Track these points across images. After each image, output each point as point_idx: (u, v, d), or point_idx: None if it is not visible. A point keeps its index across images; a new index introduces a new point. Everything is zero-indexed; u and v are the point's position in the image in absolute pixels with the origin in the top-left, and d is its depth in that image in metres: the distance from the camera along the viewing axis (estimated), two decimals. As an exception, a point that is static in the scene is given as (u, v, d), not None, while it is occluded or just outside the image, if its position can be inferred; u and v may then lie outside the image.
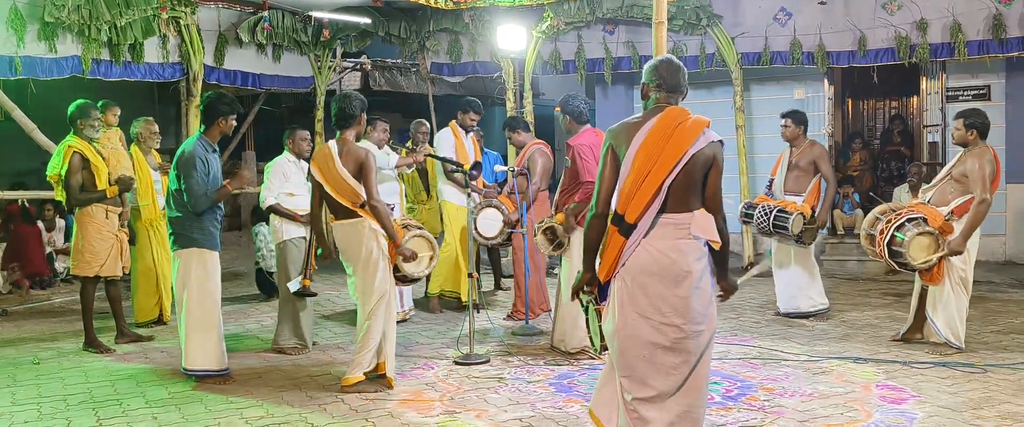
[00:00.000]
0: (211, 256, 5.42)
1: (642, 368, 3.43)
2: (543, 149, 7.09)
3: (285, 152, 6.46)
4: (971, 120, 5.85)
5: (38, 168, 12.02)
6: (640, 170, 3.40)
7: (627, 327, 3.44)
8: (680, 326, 3.39)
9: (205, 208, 5.31)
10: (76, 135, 6.38)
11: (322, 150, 5.13)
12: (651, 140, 3.42)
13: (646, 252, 3.41)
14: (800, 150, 7.13)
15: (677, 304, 3.39)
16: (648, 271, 3.40)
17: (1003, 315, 7.22)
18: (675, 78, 3.58)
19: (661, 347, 3.40)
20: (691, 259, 3.40)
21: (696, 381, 3.45)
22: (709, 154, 3.42)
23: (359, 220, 5.07)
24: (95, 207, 6.36)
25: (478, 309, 7.49)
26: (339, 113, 5.13)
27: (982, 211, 5.66)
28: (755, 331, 6.76)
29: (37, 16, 7.85)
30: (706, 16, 10.14)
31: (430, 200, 8.12)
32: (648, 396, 3.42)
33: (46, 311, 8.37)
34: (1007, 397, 4.85)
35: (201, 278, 5.37)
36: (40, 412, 4.90)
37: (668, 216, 3.42)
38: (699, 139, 3.41)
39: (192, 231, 5.36)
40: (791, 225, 6.78)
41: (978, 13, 9.15)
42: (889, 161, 12.06)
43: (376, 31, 11.16)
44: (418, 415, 4.70)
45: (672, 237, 3.41)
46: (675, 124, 3.43)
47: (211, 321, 5.39)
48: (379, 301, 5.11)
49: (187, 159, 5.30)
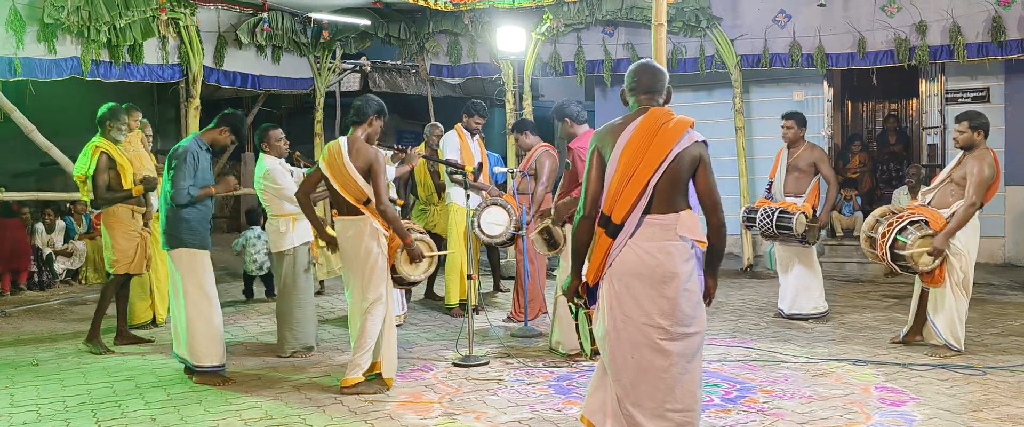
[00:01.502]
0: (201, 255, 5.46)
1: (632, 371, 3.43)
2: (550, 152, 7.09)
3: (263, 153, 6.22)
4: (977, 122, 5.81)
5: (37, 169, 12.09)
6: (625, 171, 3.42)
7: (616, 329, 3.45)
8: (666, 328, 3.38)
9: (186, 202, 5.35)
10: (103, 136, 6.51)
11: (332, 146, 5.18)
12: (635, 141, 3.44)
13: (632, 253, 3.42)
14: (798, 152, 7.14)
15: (664, 306, 3.38)
16: (634, 272, 3.41)
17: (1002, 317, 7.22)
18: (652, 80, 3.60)
19: (649, 349, 3.40)
20: (677, 261, 3.39)
21: (688, 385, 3.43)
22: (695, 154, 3.43)
23: (362, 218, 5.10)
24: (120, 207, 6.48)
25: (477, 311, 7.48)
26: (355, 110, 5.23)
27: (970, 213, 5.66)
28: (754, 333, 6.76)
29: (36, 17, 7.84)
30: (705, 18, 10.15)
31: (441, 201, 8.11)
32: (639, 400, 3.42)
33: (45, 312, 8.37)
34: (1006, 399, 4.85)
35: (194, 277, 5.40)
36: (39, 414, 4.89)
37: (654, 217, 3.42)
38: (683, 139, 3.42)
39: (180, 231, 5.39)
40: (795, 225, 6.81)
41: (977, 15, 9.16)
42: (888, 163, 12.07)
43: (375, 33, 11.17)
44: (417, 417, 4.70)
45: (659, 238, 3.41)
46: (659, 125, 3.44)
47: (208, 317, 5.41)
48: (376, 300, 5.11)
49: (179, 153, 5.41)
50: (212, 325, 5.41)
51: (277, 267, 6.27)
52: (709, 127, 10.85)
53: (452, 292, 7.55)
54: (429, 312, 7.86)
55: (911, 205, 6.22)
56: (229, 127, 5.58)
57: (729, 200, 10.65)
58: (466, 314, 6.23)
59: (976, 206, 5.67)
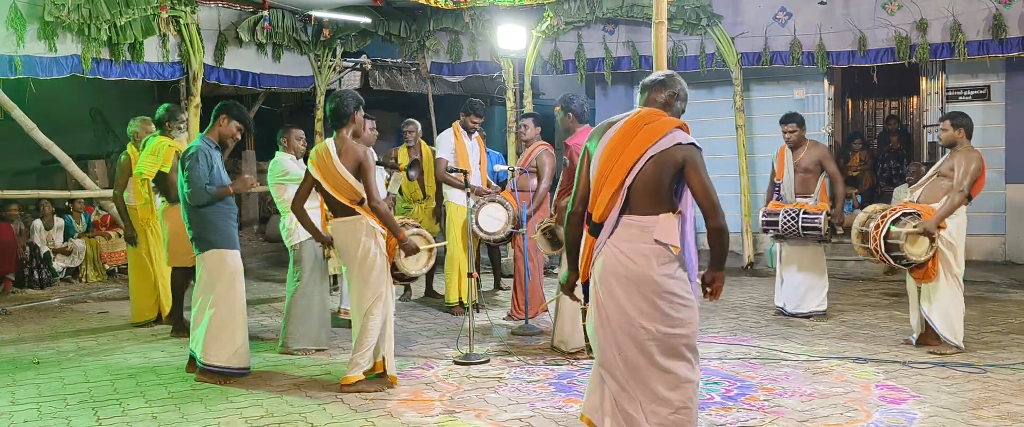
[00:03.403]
0: (231, 255, 5.43)
1: (622, 368, 3.42)
2: (551, 151, 7.09)
3: (280, 151, 6.43)
4: (958, 120, 5.94)
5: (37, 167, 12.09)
6: (603, 169, 3.43)
7: (603, 328, 3.45)
8: (648, 328, 3.36)
9: (204, 202, 5.32)
10: (165, 135, 6.82)
11: (320, 149, 5.14)
12: (615, 140, 3.43)
13: (610, 253, 3.42)
14: (803, 152, 7.15)
15: (644, 308, 3.36)
16: (613, 272, 3.40)
17: (1003, 315, 7.22)
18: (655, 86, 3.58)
19: (634, 348, 3.38)
20: (653, 264, 3.35)
21: (678, 383, 3.39)
22: (677, 157, 3.36)
23: (357, 217, 5.08)
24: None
25: (478, 309, 7.49)
26: (334, 112, 5.14)
27: (957, 201, 5.72)
28: (755, 331, 6.76)
29: (37, 15, 7.84)
30: (706, 16, 10.14)
31: (426, 200, 8.10)
32: (633, 397, 3.41)
33: (46, 310, 8.37)
34: (1007, 397, 4.85)
35: (227, 279, 5.39)
36: (40, 411, 4.90)
37: (631, 217, 3.41)
38: (661, 140, 3.36)
39: (208, 233, 5.37)
40: (822, 225, 6.83)
41: (978, 13, 9.15)
42: (888, 161, 12.06)
43: (376, 30, 11.17)
44: (418, 415, 4.70)
45: (636, 240, 3.38)
46: (641, 124, 3.42)
47: (238, 320, 5.42)
48: (376, 299, 5.11)
49: (191, 153, 5.38)
50: (229, 326, 5.38)
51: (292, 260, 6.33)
52: (710, 125, 10.88)
53: (451, 290, 7.55)
54: (430, 310, 7.86)
55: (902, 202, 6.21)
56: (226, 113, 5.48)
57: (730, 198, 10.73)
58: (467, 312, 6.27)
59: (964, 195, 5.74)
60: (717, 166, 11.07)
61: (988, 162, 9.91)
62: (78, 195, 9.96)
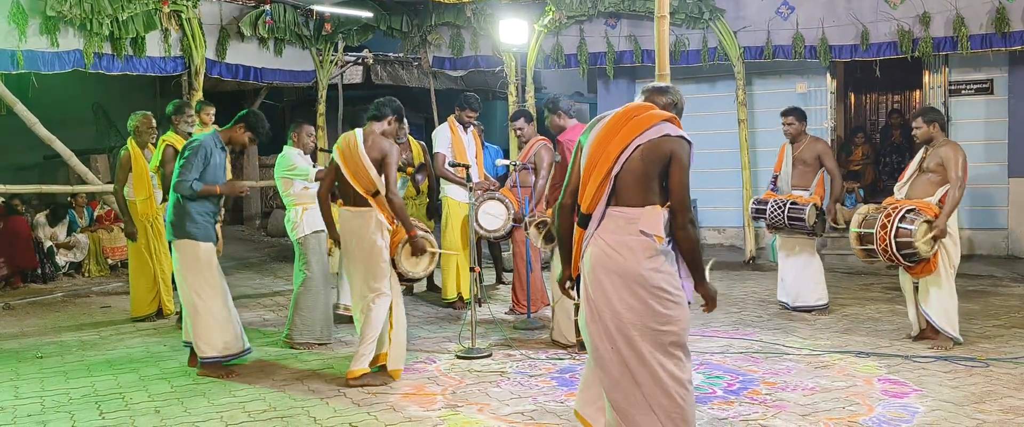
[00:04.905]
0: (205, 248, 5.46)
1: (616, 364, 3.39)
2: (549, 145, 7.09)
3: (289, 145, 6.45)
4: (930, 116, 5.97)
5: (40, 162, 12.10)
6: (591, 160, 3.43)
7: (593, 321, 3.44)
8: (634, 323, 3.34)
9: (187, 195, 5.35)
10: (173, 131, 6.84)
11: (348, 137, 5.25)
12: (604, 130, 3.44)
13: (598, 246, 3.41)
14: (802, 146, 7.17)
15: (632, 303, 3.33)
16: (601, 266, 3.39)
17: (1005, 309, 7.22)
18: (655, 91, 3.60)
19: (624, 343, 3.35)
20: (641, 257, 3.32)
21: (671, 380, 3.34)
22: (664, 149, 3.33)
23: (368, 209, 5.15)
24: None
25: (480, 303, 7.49)
26: (376, 105, 5.40)
27: (958, 196, 5.75)
28: (757, 325, 6.76)
29: (39, 10, 7.84)
30: (708, 10, 10.12)
31: (419, 196, 8.09)
32: (626, 393, 3.37)
33: (48, 304, 8.39)
34: (1009, 391, 4.85)
35: (203, 270, 5.42)
36: (43, 406, 4.91)
37: (617, 209, 3.40)
38: (648, 131, 3.35)
39: (185, 222, 5.41)
40: (807, 217, 6.83)
41: (981, 7, 9.12)
42: (891, 155, 12.03)
43: (378, 25, 11.16)
44: (420, 409, 4.71)
45: (622, 232, 3.36)
46: (630, 117, 3.42)
47: (225, 310, 5.44)
48: (379, 292, 5.14)
49: (193, 145, 5.43)
50: (214, 316, 5.42)
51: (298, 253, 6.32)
52: (712, 119, 10.87)
53: (449, 286, 7.55)
54: (431, 305, 7.87)
55: (890, 200, 6.14)
56: (245, 124, 5.58)
57: (732, 192, 10.73)
58: (468, 306, 6.26)
59: (963, 188, 5.77)
60: (719, 160, 11.11)
61: (991, 156, 10.06)
62: (80, 190, 9.99)
